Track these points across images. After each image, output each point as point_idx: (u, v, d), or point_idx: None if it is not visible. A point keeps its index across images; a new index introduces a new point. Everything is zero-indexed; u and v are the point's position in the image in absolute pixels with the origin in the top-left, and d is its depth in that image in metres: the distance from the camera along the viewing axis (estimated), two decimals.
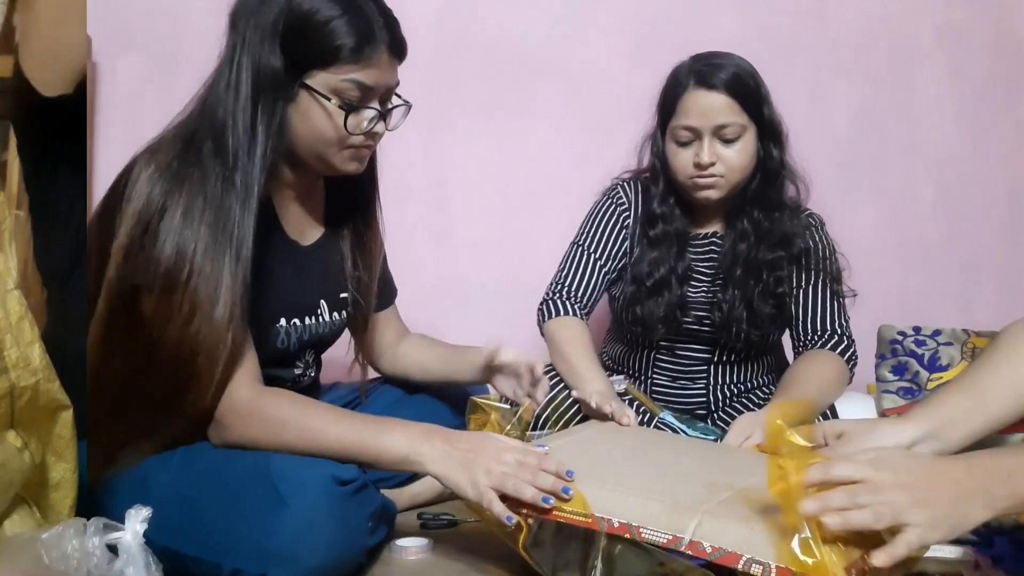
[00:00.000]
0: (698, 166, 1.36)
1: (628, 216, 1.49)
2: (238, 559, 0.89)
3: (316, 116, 1.05)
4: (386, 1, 1.12)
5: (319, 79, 1.04)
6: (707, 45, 1.87)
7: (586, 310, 1.47)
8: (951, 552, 0.96)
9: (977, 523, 0.81)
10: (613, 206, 1.50)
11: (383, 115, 1.10)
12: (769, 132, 1.41)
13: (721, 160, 1.36)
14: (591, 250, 1.48)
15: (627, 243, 1.49)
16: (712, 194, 1.39)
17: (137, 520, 0.80)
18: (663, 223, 1.45)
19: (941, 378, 1.22)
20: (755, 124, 1.39)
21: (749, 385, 1.48)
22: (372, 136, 1.11)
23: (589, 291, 1.47)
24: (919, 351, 1.34)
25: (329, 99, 1.04)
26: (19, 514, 0.90)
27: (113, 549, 0.81)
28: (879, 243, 1.93)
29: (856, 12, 1.92)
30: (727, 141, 1.36)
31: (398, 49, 1.10)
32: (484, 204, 1.96)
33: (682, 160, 1.39)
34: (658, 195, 1.45)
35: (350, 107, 1.05)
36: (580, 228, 1.52)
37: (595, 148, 1.86)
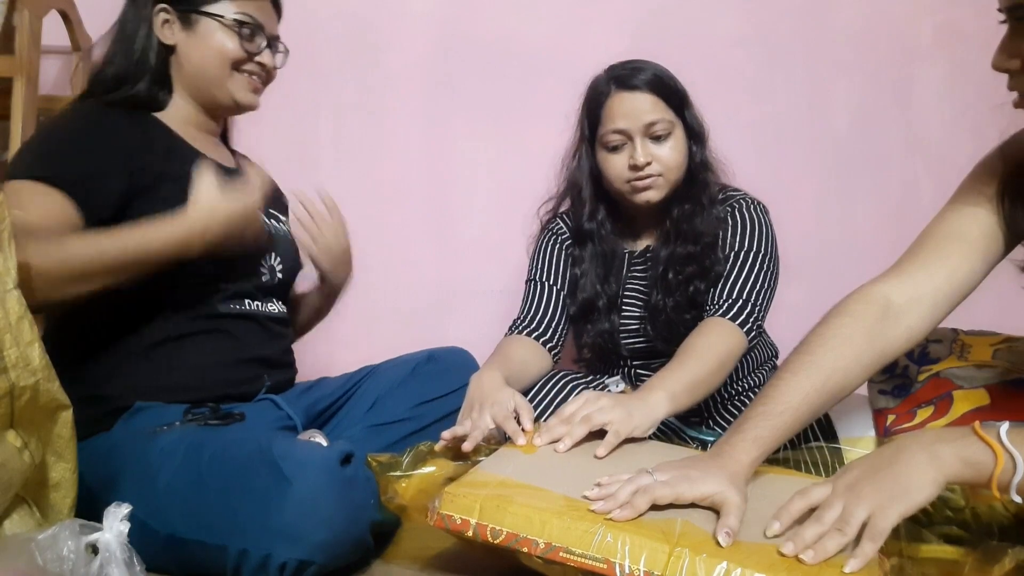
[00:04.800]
0: (634, 168, 1.36)
1: (571, 245, 1.49)
2: (244, 540, 0.89)
3: (216, 38, 1.22)
4: (386, 1, 1.16)
5: (216, 7, 1.22)
6: (707, 45, 1.88)
7: (552, 342, 1.43)
8: (951, 552, 0.96)
9: (930, 486, 0.81)
10: (555, 238, 1.51)
11: (271, 47, 1.28)
12: (692, 133, 1.41)
13: (656, 160, 1.36)
14: (547, 280, 1.47)
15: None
16: (652, 195, 1.38)
17: (116, 518, 0.80)
18: (592, 243, 1.45)
19: (931, 369, 1.22)
20: (681, 123, 1.39)
21: (738, 388, 1.46)
22: (263, 67, 1.27)
23: (555, 321, 1.44)
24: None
25: (231, 21, 1.21)
26: (19, 514, 0.90)
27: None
28: (879, 243, 1.93)
29: (856, 12, 1.92)
30: (658, 139, 1.36)
31: (277, 3, 1.32)
32: (484, 204, 1.95)
33: (616, 166, 1.38)
34: (585, 212, 1.45)
35: (246, 31, 1.23)
36: (530, 267, 1.51)
37: None
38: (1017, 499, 0.81)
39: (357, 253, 1.92)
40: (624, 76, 1.38)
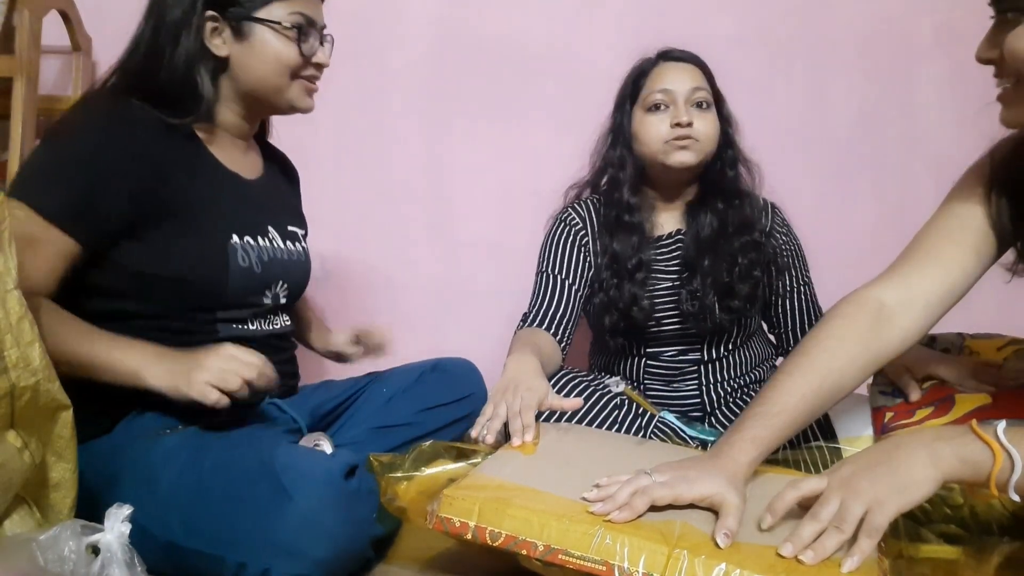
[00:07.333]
0: (678, 125, 1.39)
1: (585, 235, 1.50)
2: (242, 553, 0.88)
3: (273, 47, 1.13)
4: (386, 1, 1.14)
5: (269, 11, 1.13)
6: (707, 45, 1.87)
7: (560, 337, 1.43)
8: (949, 551, 0.96)
9: (928, 483, 0.81)
10: (568, 228, 1.51)
11: (322, 42, 1.19)
12: (728, 122, 1.47)
13: (696, 125, 1.40)
14: (558, 273, 1.47)
15: (588, 260, 1.49)
16: (688, 157, 1.40)
17: (118, 519, 0.80)
18: (633, 214, 1.47)
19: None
20: (716, 108, 1.45)
21: (740, 382, 1.48)
22: (319, 67, 1.20)
23: (565, 314, 1.43)
24: None
25: (289, 27, 1.13)
26: (19, 514, 0.90)
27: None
28: (879, 243, 1.93)
29: (856, 12, 1.92)
30: (700, 107, 1.41)
31: None
32: (484, 204, 1.96)
33: (656, 126, 1.41)
34: (627, 183, 1.47)
35: (302, 34, 1.14)
36: (540, 258, 1.51)
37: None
38: (1015, 498, 0.81)
39: (357, 253, 1.93)
40: (670, 52, 1.47)
